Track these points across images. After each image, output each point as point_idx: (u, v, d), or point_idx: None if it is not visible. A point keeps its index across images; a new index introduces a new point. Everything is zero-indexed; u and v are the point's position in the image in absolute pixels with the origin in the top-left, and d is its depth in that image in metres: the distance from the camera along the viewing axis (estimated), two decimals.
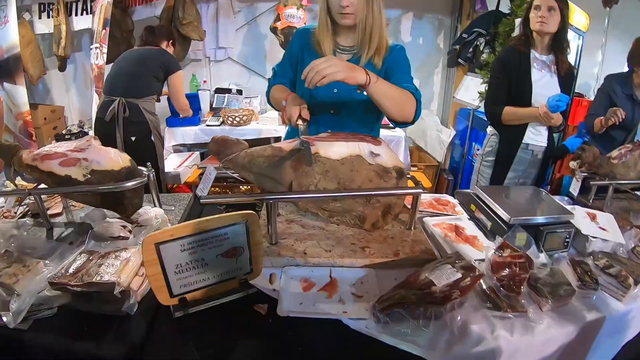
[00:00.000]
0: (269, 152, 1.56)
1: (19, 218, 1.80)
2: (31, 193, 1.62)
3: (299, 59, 2.06)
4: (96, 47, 4.24)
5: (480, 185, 3.06)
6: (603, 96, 3.23)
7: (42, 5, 5.01)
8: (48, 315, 1.26)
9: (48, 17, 5.00)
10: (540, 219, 1.67)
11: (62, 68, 5.11)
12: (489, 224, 1.75)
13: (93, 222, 1.63)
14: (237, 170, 1.57)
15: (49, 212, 1.81)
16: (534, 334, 1.26)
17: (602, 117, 2.96)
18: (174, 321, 1.26)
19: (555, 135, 2.99)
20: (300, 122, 1.74)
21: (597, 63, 5.24)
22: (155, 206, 1.80)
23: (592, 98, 4.56)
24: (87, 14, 4.86)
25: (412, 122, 1.88)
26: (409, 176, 1.75)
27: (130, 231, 1.58)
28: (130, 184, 1.58)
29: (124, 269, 1.30)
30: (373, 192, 1.62)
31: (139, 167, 1.71)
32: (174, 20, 4.78)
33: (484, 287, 1.38)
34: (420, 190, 1.64)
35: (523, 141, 2.89)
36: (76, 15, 4.92)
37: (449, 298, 1.25)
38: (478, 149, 4.72)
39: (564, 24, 2.70)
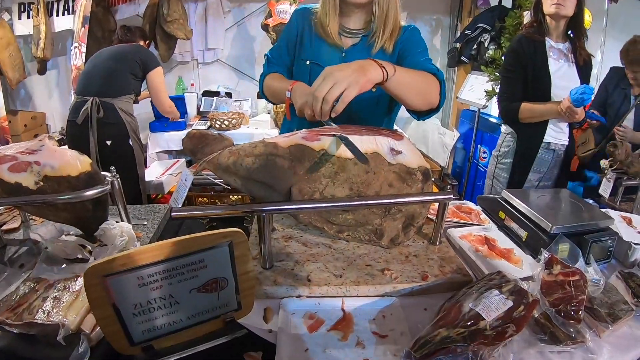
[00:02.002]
0: (260, 149, 1.26)
1: None
2: None
3: (298, 40, 1.82)
4: (75, 47, 4.09)
5: (495, 191, 2.90)
6: (601, 87, 3.33)
7: (22, 5, 4.88)
8: None
9: (28, 17, 4.86)
10: (582, 227, 1.50)
11: (41, 71, 4.96)
12: (523, 233, 1.57)
13: (45, 240, 1.38)
14: (219, 174, 1.26)
15: (5, 226, 1.59)
16: None
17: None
18: None
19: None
20: None
21: (596, 63, 5.23)
22: (121, 220, 1.51)
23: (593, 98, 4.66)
24: (68, 14, 4.74)
25: (438, 109, 1.63)
26: (433, 179, 1.46)
27: (90, 252, 1.30)
28: (89, 193, 1.32)
29: (72, 304, 1.06)
30: (396, 200, 1.32)
31: (102, 173, 1.45)
32: (158, 18, 4.64)
33: (535, 314, 1.14)
34: (451, 196, 1.36)
35: (544, 140, 2.66)
36: (57, 15, 4.80)
37: (503, 335, 0.98)
38: (484, 152, 4.68)
39: (581, 7, 2.51)
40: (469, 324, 1.01)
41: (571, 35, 2.64)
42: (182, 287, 0.92)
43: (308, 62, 1.76)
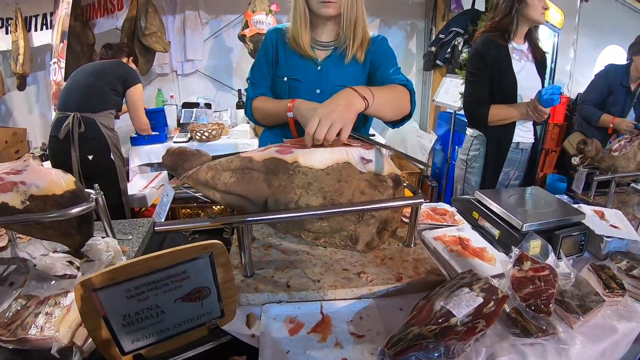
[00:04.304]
0: (236, 164, 1.31)
1: None
2: None
3: (274, 58, 1.85)
4: (54, 62, 4.05)
5: (467, 194, 2.86)
6: (603, 84, 3.38)
7: (0, 21, 4.81)
8: None
9: (7, 33, 4.80)
10: (553, 223, 1.56)
11: (21, 87, 4.91)
12: (496, 232, 1.62)
13: (34, 258, 1.39)
14: (198, 189, 1.31)
15: None
16: (570, 358, 1.11)
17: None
18: None
19: (537, 128, 2.81)
20: None
21: (569, 60, 5.39)
22: (107, 236, 1.53)
23: (568, 95, 5.03)
24: (47, 28, 4.71)
25: (410, 117, 1.71)
26: (405, 184, 1.51)
27: (78, 267, 1.33)
28: (74, 210, 1.33)
29: (64, 319, 1.09)
30: (367, 207, 1.36)
31: (86, 190, 1.47)
32: (136, 31, 4.60)
33: (507, 309, 1.20)
34: (422, 200, 1.41)
35: (513, 140, 2.64)
36: (36, 30, 4.76)
37: (474, 331, 1.04)
38: None
39: None
40: (440, 321, 1.06)
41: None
42: (168, 298, 0.96)
43: (286, 79, 1.79)
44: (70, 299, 1.15)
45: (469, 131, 2.80)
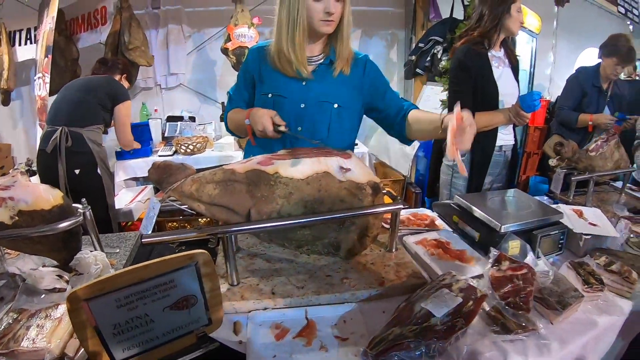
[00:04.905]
0: (219, 176, 1.35)
1: None
2: None
3: (257, 78, 1.87)
4: (39, 77, 4.01)
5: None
6: (576, 87, 3.50)
7: None
8: None
9: None
10: (532, 223, 1.60)
11: (5, 102, 4.81)
12: (476, 234, 1.66)
13: (23, 272, 1.40)
14: (183, 201, 1.34)
15: None
16: (551, 353, 1.14)
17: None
18: None
19: (517, 129, 2.87)
20: (283, 128, 1.59)
21: (549, 64, 5.47)
22: (95, 249, 1.55)
23: (548, 98, 5.04)
24: (31, 43, 4.66)
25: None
26: (384, 191, 1.55)
27: (67, 281, 1.35)
28: (62, 225, 1.36)
29: (55, 330, 1.11)
30: (347, 214, 1.40)
31: (74, 205, 1.49)
32: (119, 46, 4.57)
33: (487, 307, 1.24)
34: (401, 206, 1.46)
35: (496, 144, 2.69)
36: (20, 45, 4.72)
37: (453, 329, 1.08)
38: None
39: None
40: (420, 321, 1.11)
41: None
42: (156, 306, 0.99)
43: (270, 95, 1.80)
44: (60, 311, 1.18)
45: None
